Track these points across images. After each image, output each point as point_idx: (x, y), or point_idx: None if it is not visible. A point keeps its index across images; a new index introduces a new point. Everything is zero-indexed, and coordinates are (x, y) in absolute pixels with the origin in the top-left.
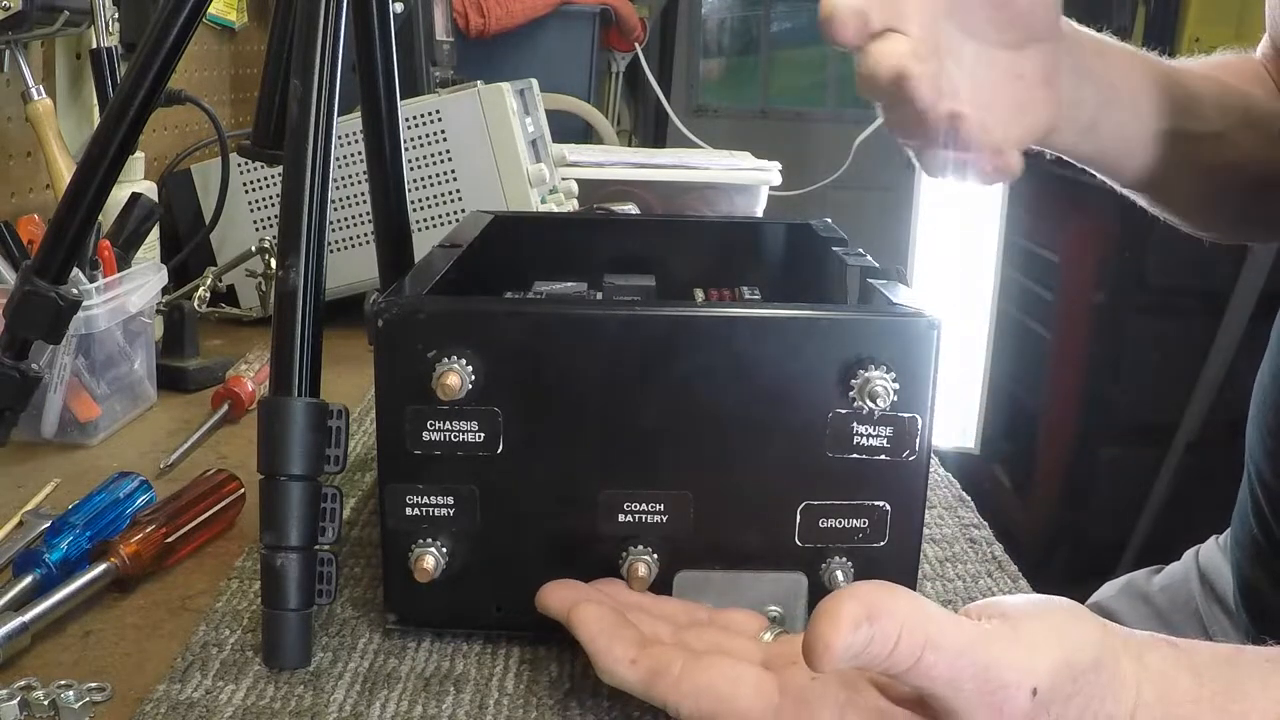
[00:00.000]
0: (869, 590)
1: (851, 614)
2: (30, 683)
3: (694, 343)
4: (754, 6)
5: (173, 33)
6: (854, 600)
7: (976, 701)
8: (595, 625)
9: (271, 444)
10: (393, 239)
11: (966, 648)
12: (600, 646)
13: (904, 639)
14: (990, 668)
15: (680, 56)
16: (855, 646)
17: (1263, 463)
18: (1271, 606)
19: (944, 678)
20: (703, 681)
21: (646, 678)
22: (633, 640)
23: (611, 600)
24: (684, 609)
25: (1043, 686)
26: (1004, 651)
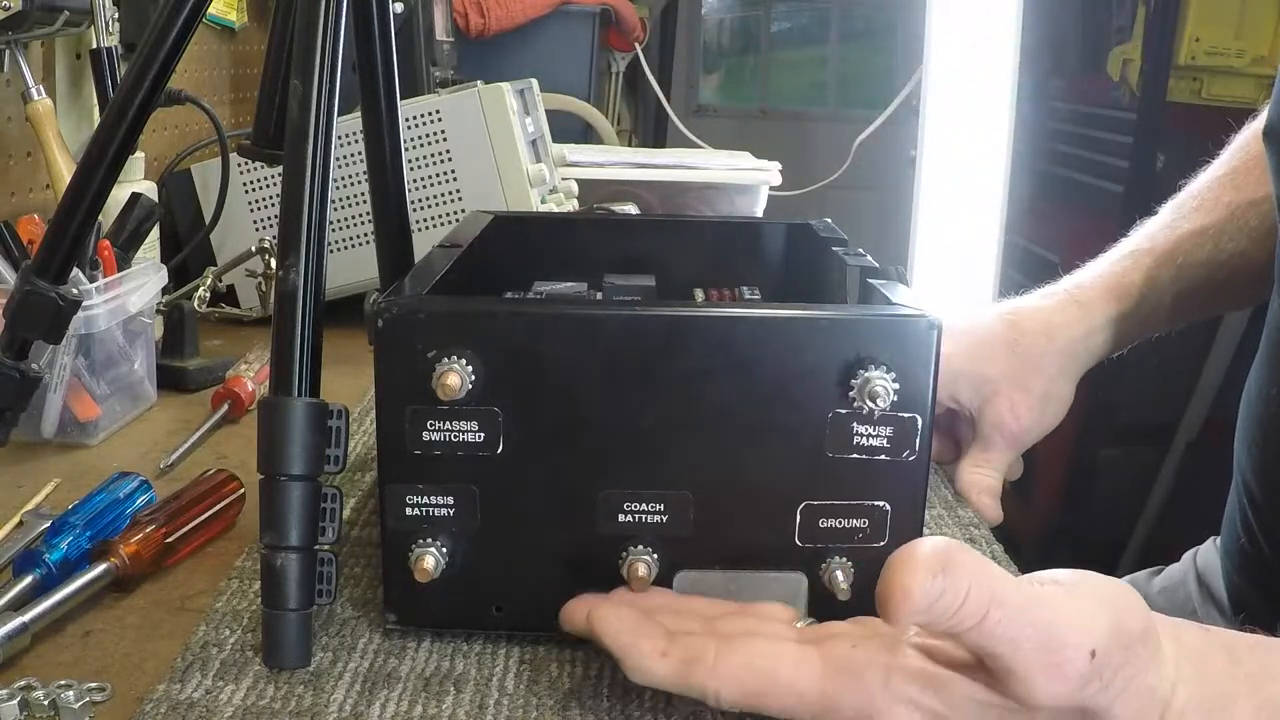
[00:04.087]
0: (939, 542)
1: (928, 562)
2: (30, 683)
3: (694, 343)
4: (754, 6)
5: (173, 33)
6: (929, 549)
7: (1036, 661)
8: (618, 624)
9: (271, 444)
10: (393, 239)
11: (1030, 606)
12: (626, 643)
13: (973, 593)
14: (1053, 626)
15: (680, 56)
16: (930, 596)
17: (1249, 474)
18: (1260, 615)
19: (1007, 635)
20: (741, 661)
21: (680, 668)
22: (660, 634)
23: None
24: (710, 604)
25: (1101, 649)
26: (1065, 612)
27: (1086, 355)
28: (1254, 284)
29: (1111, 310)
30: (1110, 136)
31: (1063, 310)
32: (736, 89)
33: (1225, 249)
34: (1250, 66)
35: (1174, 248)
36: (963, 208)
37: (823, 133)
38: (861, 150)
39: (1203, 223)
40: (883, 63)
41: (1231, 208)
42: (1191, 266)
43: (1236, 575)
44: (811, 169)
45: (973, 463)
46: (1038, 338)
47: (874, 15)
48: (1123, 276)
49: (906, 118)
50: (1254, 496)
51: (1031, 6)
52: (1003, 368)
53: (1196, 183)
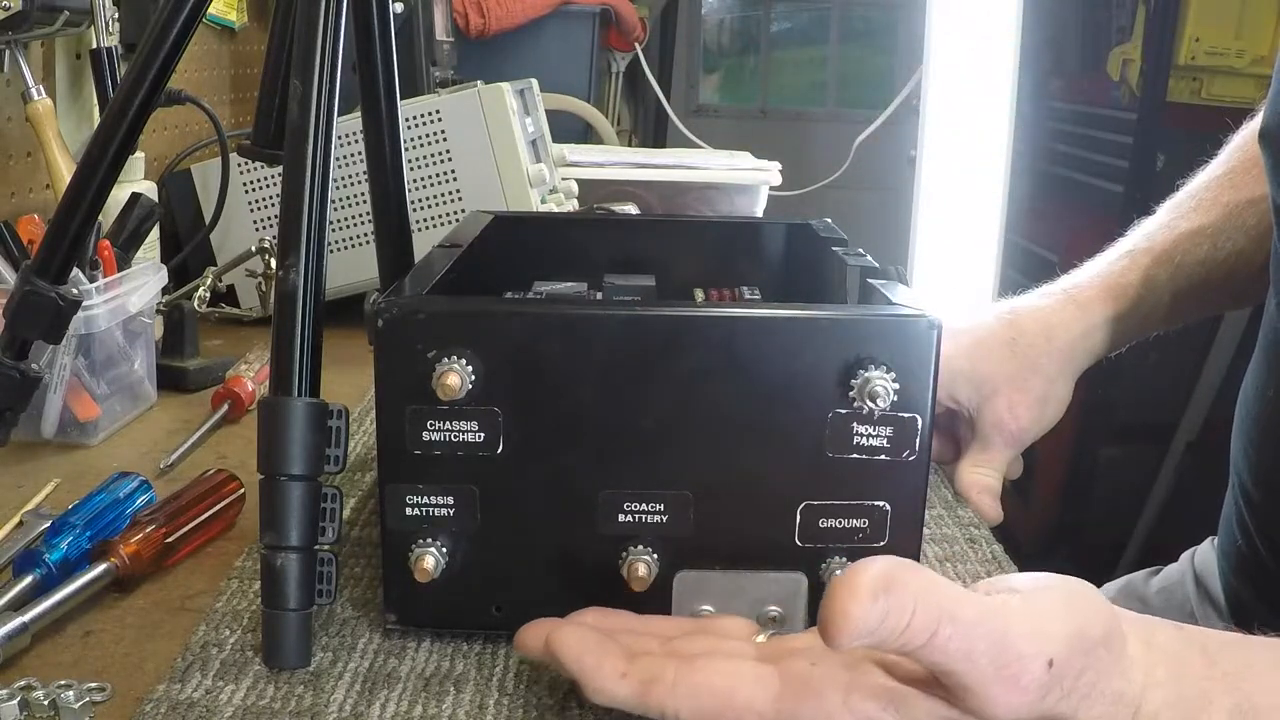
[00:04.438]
0: (884, 563)
1: (869, 585)
2: (30, 683)
3: (694, 343)
4: (754, 6)
5: (173, 33)
6: (870, 572)
7: (992, 675)
8: (578, 646)
9: (271, 444)
10: (393, 239)
11: (981, 619)
12: (587, 665)
13: (919, 612)
14: (1006, 638)
15: (680, 56)
16: (873, 619)
17: (1245, 474)
18: (1256, 616)
19: (959, 651)
20: (700, 681)
21: (640, 689)
22: (619, 654)
23: (593, 625)
24: (672, 623)
25: (1058, 657)
26: (1019, 622)
27: (1085, 354)
28: (1252, 283)
29: (1109, 309)
30: (1110, 136)
31: (1061, 310)
32: (736, 89)
33: (1223, 248)
34: (1250, 66)
35: (1172, 247)
36: (963, 208)
37: (823, 133)
38: (861, 150)
39: (1200, 222)
40: (883, 63)
41: (1229, 207)
42: (1189, 266)
43: (1233, 576)
44: (811, 169)
45: (972, 462)
46: (1036, 337)
47: (874, 15)
48: (1120, 276)
49: (906, 118)
50: (1251, 497)
51: (1031, 6)
52: (1001, 367)
53: (1194, 183)
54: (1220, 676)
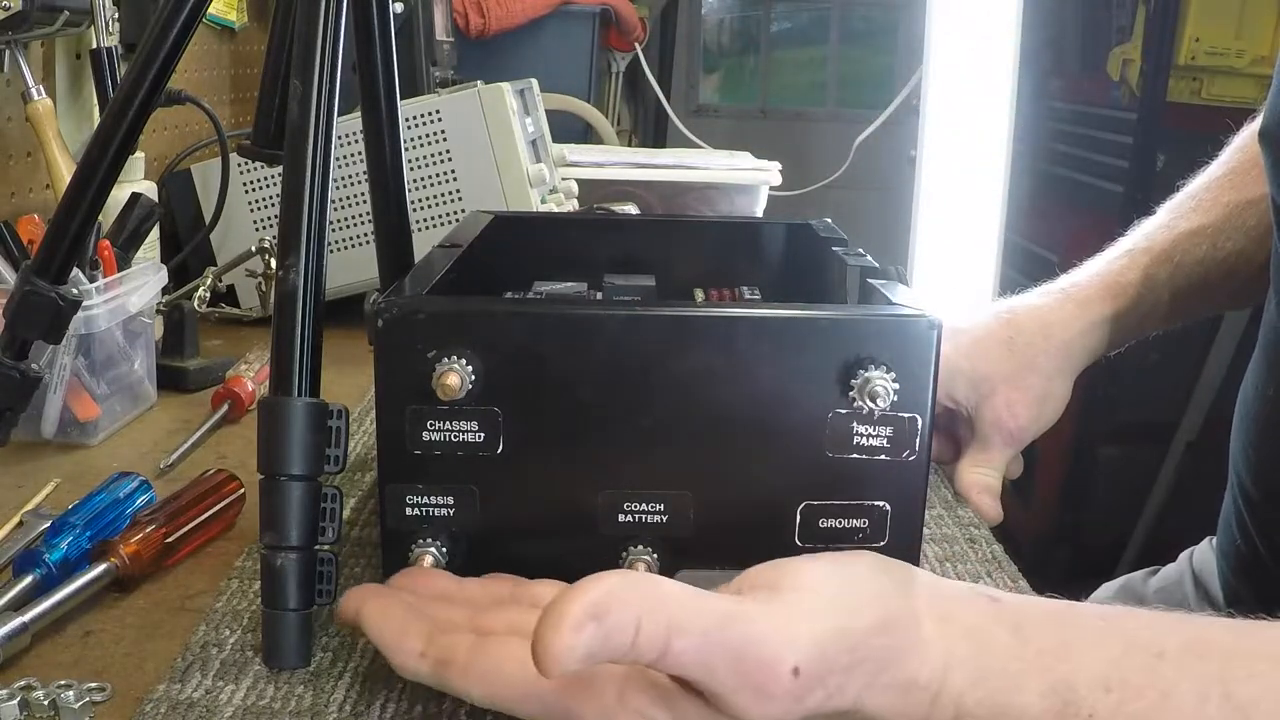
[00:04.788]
0: (602, 586)
1: (573, 616)
2: (30, 683)
3: (694, 343)
4: (754, 6)
5: (173, 33)
6: (580, 601)
7: (735, 684)
8: (382, 622)
9: (271, 444)
10: (393, 239)
11: (714, 629)
12: (388, 642)
13: (644, 629)
14: (744, 648)
15: (680, 56)
16: (582, 648)
17: (1245, 474)
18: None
19: (696, 662)
20: (489, 666)
21: (436, 669)
22: (420, 633)
23: (411, 592)
24: (486, 588)
25: (805, 661)
26: (757, 629)
27: (1083, 353)
28: (1252, 283)
29: (1108, 308)
30: (1110, 136)
31: (1059, 308)
32: (736, 89)
33: (1223, 248)
34: (1250, 66)
35: (1171, 247)
36: (963, 208)
37: (823, 133)
38: (861, 150)
39: (1200, 222)
40: (883, 63)
41: (1229, 207)
42: (1189, 265)
43: (1232, 576)
44: (811, 169)
45: (972, 462)
46: (1034, 336)
47: (874, 15)
48: (1119, 275)
49: (906, 118)
50: (1250, 497)
51: (1031, 6)
52: (999, 366)
53: (1194, 183)
54: (1034, 656)
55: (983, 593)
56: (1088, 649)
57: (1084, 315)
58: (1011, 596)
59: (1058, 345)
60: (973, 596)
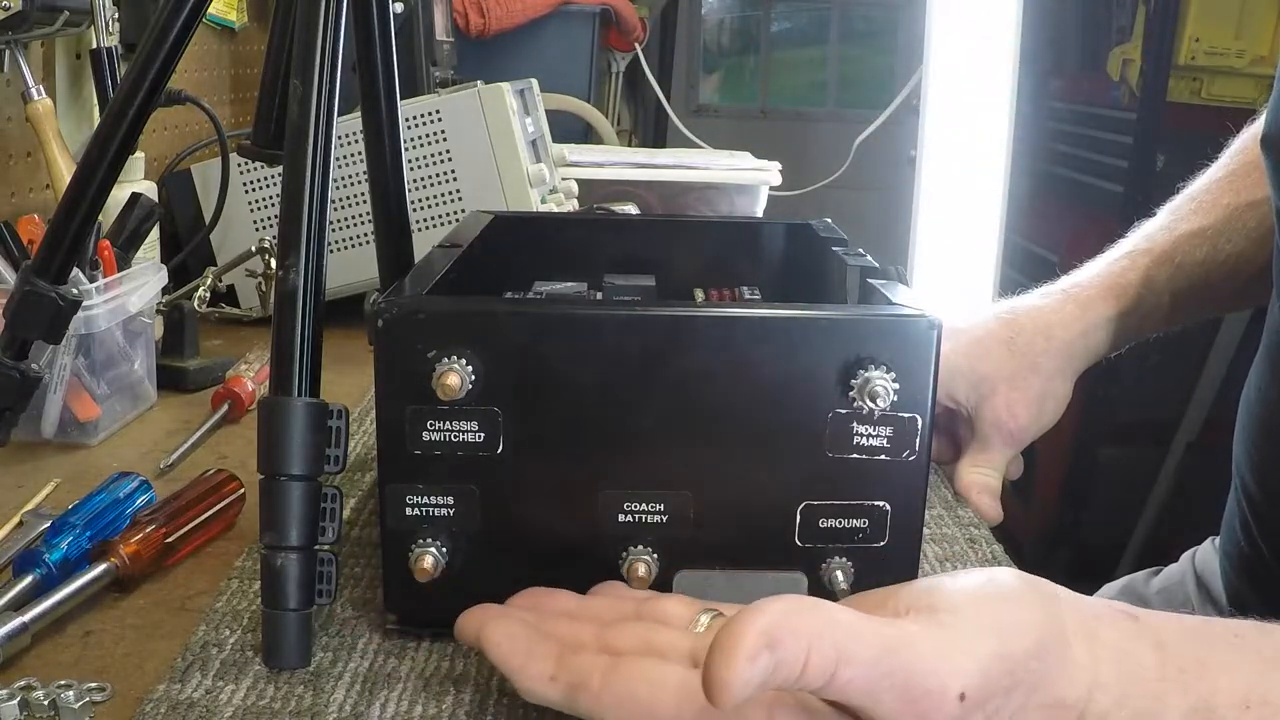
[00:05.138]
0: (771, 613)
1: (748, 648)
2: (30, 683)
3: (694, 343)
4: (754, 7)
5: (173, 33)
6: (752, 630)
7: (899, 711)
8: (507, 645)
9: (271, 444)
10: (393, 239)
11: (883, 657)
12: (515, 666)
13: (813, 658)
14: (911, 676)
15: (680, 56)
16: (756, 678)
17: (1248, 475)
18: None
19: (862, 691)
20: (623, 691)
21: (568, 693)
22: (548, 654)
23: (532, 612)
24: (610, 605)
25: (971, 687)
26: (924, 657)
27: (1084, 354)
28: (1253, 285)
29: (1109, 309)
30: (1110, 136)
31: (1060, 309)
32: (736, 89)
33: (1223, 250)
34: (1250, 66)
35: (1172, 248)
36: (963, 208)
37: (823, 133)
38: (861, 150)
39: (1201, 224)
40: (883, 63)
41: (1230, 209)
42: (1189, 267)
43: (1235, 577)
44: (811, 169)
45: (971, 462)
46: (1035, 336)
47: (874, 15)
48: (1120, 276)
49: (906, 118)
50: (1253, 498)
51: (1031, 6)
52: (1000, 366)
53: (1195, 185)
54: (1175, 674)
55: (1122, 610)
56: (1225, 667)
57: (1085, 316)
58: (1148, 613)
59: (1058, 346)
60: (1114, 615)
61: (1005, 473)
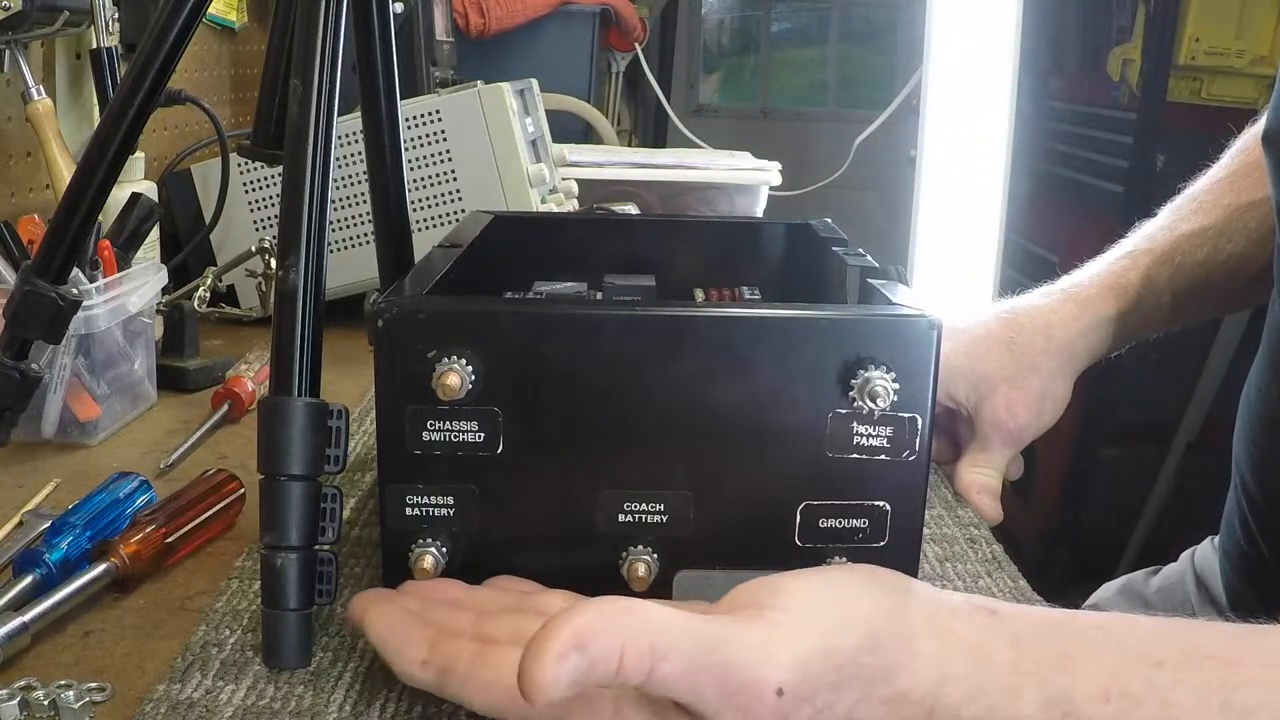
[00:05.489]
0: (586, 614)
1: (557, 649)
2: (30, 683)
3: (694, 343)
4: (754, 7)
5: (173, 33)
6: (563, 632)
7: (721, 705)
8: (385, 629)
9: (271, 444)
10: (393, 239)
11: (700, 652)
12: (391, 648)
13: (628, 654)
14: (728, 670)
15: (680, 56)
16: (566, 677)
17: (1248, 474)
18: (1258, 617)
19: (682, 685)
20: (489, 676)
21: (438, 677)
22: (424, 640)
23: (417, 599)
24: (493, 596)
25: (789, 681)
26: (741, 651)
27: (1084, 353)
28: (1253, 285)
29: (1109, 309)
30: (1110, 136)
31: (1059, 309)
32: (736, 89)
33: (1224, 250)
34: (1250, 66)
35: (1172, 248)
36: (963, 208)
37: (823, 133)
38: (861, 150)
39: (1201, 224)
40: (883, 63)
41: (1230, 209)
42: (1190, 266)
43: (1235, 577)
44: (811, 169)
45: (971, 462)
46: (1034, 336)
47: (874, 15)
48: (1120, 276)
49: (906, 118)
50: (1253, 497)
51: (1031, 6)
52: (999, 366)
53: (1195, 185)
54: (1032, 668)
55: (981, 605)
56: (1086, 659)
57: (1085, 315)
58: (1009, 607)
59: (1058, 345)
60: (971, 610)
61: (1005, 473)
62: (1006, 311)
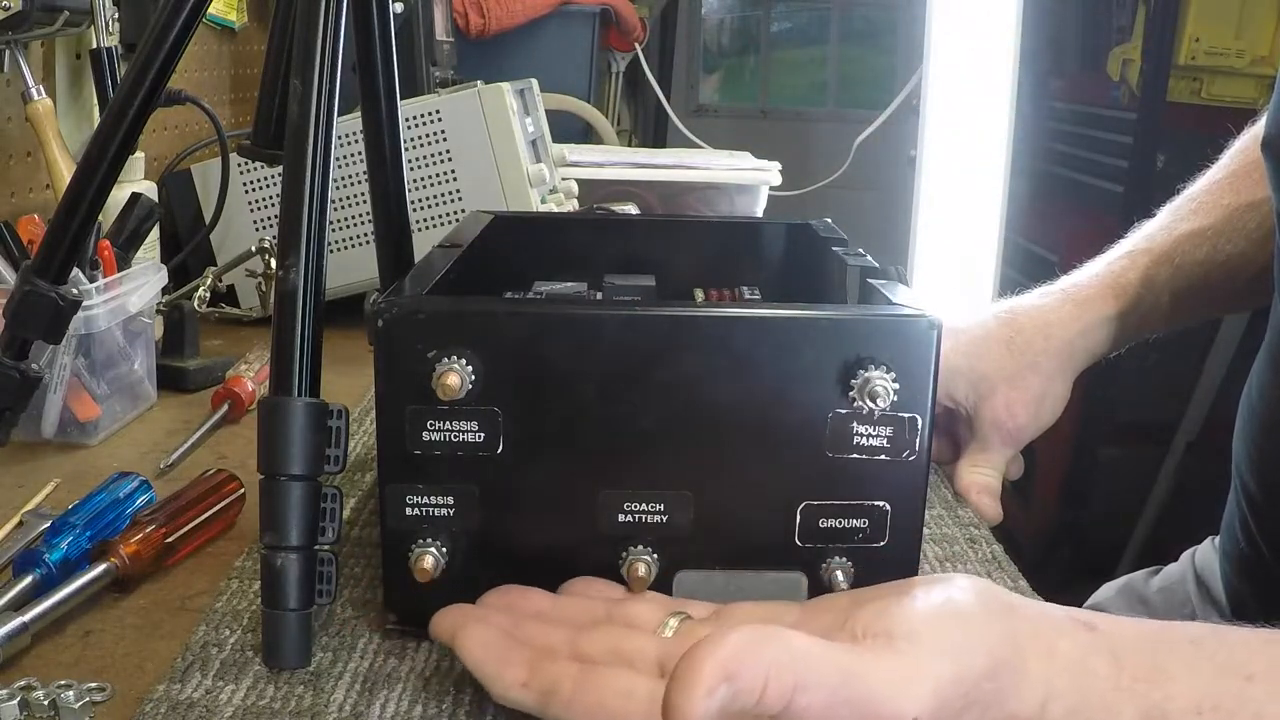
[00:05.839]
0: (730, 644)
1: (707, 682)
2: (30, 683)
3: (694, 343)
4: (754, 6)
5: (173, 33)
6: (711, 662)
7: None
8: (481, 651)
9: (271, 444)
10: (393, 239)
11: (839, 685)
12: (490, 673)
13: (771, 686)
14: (868, 704)
15: (680, 56)
16: (714, 708)
17: (1248, 475)
18: (1258, 617)
19: (819, 716)
20: (593, 701)
21: (540, 699)
22: (522, 661)
23: (506, 613)
24: (583, 607)
25: (926, 712)
26: (880, 684)
27: (1083, 353)
28: (1253, 286)
29: (1109, 309)
30: (1110, 136)
31: (1059, 308)
32: (736, 89)
33: (1223, 250)
34: (1250, 66)
35: (1172, 248)
36: (963, 208)
37: (823, 133)
38: (861, 150)
39: (1201, 224)
40: (883, 63)
41: (1230, 210)
42: (1189, 267)
43: (1235, 578)
44: (811, 169)
45: (971, 462)
46: (1034, 335)
47: (874, 15)
48: (1120, 276)
49: (906, 118)
50: (1253, 498)
51: (1031, 6)
52: (999, 365)
53: (1195, 186)
54: (1129, 683)
55: (1081, 620)
56: (1180, 673)
57: (1084, 315)
58: (1106, 620)
59: (1058, 345)
60: (1072, 626)
61: (1005, 473)
62: (1006, 311)
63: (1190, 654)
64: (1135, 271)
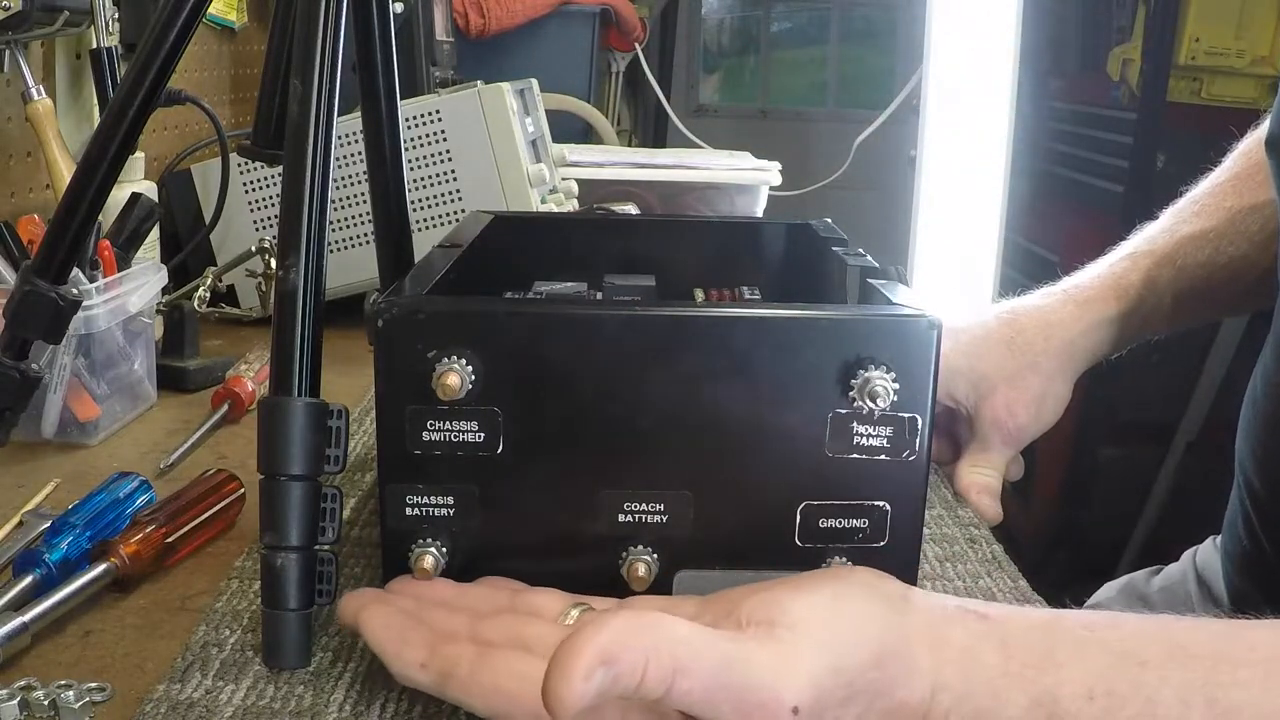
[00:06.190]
0: (611, 629)
1: (584, 666)
2: (30, 683)
3: (694, 343)
4: (754, 6)
5: (173, 33)
6: (589, 647)
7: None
8: (383, 631)
9: (271, 444)
10: (393, 239)
11: (719, 670)
12: (390, 651)
13: (651, 669)
14: (745, 690)
15: (680, 56)
16: (591, 692)
17: (1252, 473)
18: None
19: (700, 701)
20: (489, 681)
21: (438, 680)
22: (422, 642)
23: (410, 598)
24: (486, 596)
25: (804, 701)
26: (758, 670)
27: (1084, 354)
28: (1255, 289)
29: (1110, 310)
30: (1110, 136)
31: (1060, 309)
32: (736, 89)
33: (1225, 252)
34: (1250, 66)
35: (1174, 250)
36: (963, 208)
37: (823, 133)
38: (861, 150)
39: (1203, 226)
40: (883, 63)
41: (1232, 212)
42: (1191, 268)
43: (1237, 575)
44: (811, 169)
45: (971, 462)
46: (1035, 336)
47: (874, 15)
48: (1121, 277)
49: (906, 118)
50: (1256, 495)
51: (1031, 6)
52: (999, 365)
53: (1198, 188)
54: (1018, 670)
55: (972, 609)
56: (1071, 660)
57: (1085, 316)
58: (1000, 609)
59: (1058, 346)
60: (963, 616)
61: (1005, 473)
62: (1007, 311)
63: (1083, 640)
64: (1137, 273)
